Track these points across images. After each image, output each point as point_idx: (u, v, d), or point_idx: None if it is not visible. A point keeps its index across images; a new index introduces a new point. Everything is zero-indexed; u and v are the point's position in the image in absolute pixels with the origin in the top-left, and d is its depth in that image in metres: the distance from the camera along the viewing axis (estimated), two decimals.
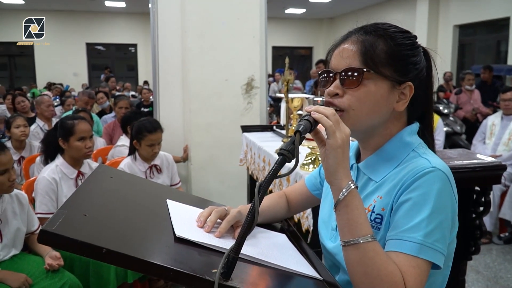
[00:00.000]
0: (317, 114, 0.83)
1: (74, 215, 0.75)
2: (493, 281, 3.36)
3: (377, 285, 0.80)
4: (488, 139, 4.58)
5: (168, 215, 0.97)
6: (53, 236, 0.66)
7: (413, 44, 0.99)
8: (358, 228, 0.82)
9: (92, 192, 0.94)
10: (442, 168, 0.88)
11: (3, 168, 2.10)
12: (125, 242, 0.75)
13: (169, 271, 0.70)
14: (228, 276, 0.73)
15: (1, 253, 2.18)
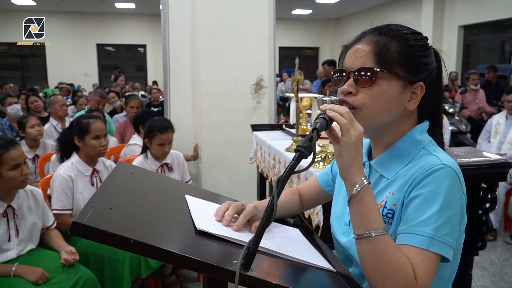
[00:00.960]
0: (332, 113, 0.86)
1: (101, 208, 0.78)
2: (498, 277, 3.36)
3: (389, 277, 0.82)
4: (493, 138, 4.57)
5: (187, 209, 1.00)
6: (84, 228, 0.69)
7: (425, 45, 1.01)
8: (370, 222, 0.85)
9: (116, 187, 0.97)
10: (452, 165, 0.90)
11: (15, 162, 2.12)
12: (150, 233, 0.78)
13: (193, 261, 0.72)
14: (248, 266, 0.76)
15: (18, 247, 2.21)
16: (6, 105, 4.70)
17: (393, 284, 0.82)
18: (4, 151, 2.09)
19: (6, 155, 2.09)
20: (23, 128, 3.74)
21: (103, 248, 2.48)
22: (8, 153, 2.09)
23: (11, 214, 2.17)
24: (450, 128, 5.57)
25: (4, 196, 2.15)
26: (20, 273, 2.07)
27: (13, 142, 2.19)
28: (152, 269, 2.57)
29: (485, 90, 6.84)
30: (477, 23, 10.14)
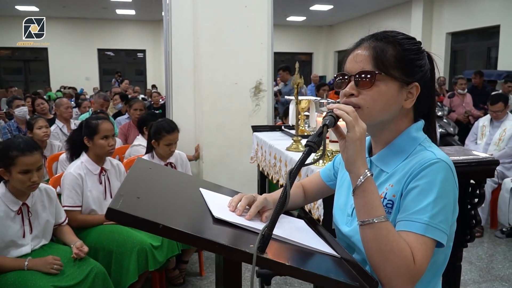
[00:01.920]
0: (338, 111, 0.92)
1: (129, 197, 0.84)
2: (485, 271, 3.43)
3: (390, 259, 0.88)
4: (480, 140, 4.66)
5: (202, 200, 1.05)
6: (118, 214, 0.74)
7: (418, 49, 1.07)
8: (373, 210, 0.90)
9: (138, 180, 1.02)
10: (446, 160, 0.97)
11: (26, 168, 2.12)
12: (175, 219, 0.84)
13: (214, 244, 0.78)
14: (263, 250, 0.81)
15: (32, 243, 2.25)
16: (14, 107, 4.73)
17: (394, 266, 0.88)
18: (19, 154, 2.11)
19: (20, 158, 2.11)
20: (31, 129, 3.77)
21: (111, 243, 2.53)
22: (23, 157, 2.11)
23: (26, 212, 2.21)
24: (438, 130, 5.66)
25: (19, 195, 2.19)
26: (33, 267, 2.10)
27: (31, 148, 2.16)
28: (159, 263, 2.61)
29: (472, 95, 6.94)
30: (464, 30, 10.29)
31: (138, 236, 2.58)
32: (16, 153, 2.10)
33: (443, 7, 10.80)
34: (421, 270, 0.89)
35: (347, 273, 0.90)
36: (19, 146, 2.12)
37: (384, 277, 0.89)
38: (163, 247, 2.65)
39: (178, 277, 3.16)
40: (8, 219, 2.14)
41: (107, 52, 16.29)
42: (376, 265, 0.90)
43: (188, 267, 3.35)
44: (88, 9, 13.41)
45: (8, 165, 2.10)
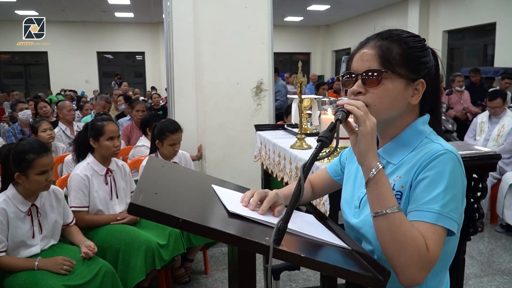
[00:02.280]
0: (349, 106, 0.94)
1: (148, 193, 0.86)
2: (486, 265, 3.46)
3: (404, 248, 0.90)
4: (479, 136, 4.68)
5: (215, 196, 1.07)
6: (140, 208, 0.76)
7: (423, 46, 1.09)
8: (386, 201, 0.92)
9: (153, 177, 1.04)
10: (453, 151, 0.99)
11: (43, 169, 2.16)
12: (192, 214, 0.86)
13: (232, 237, 0.80)
14: (279, 242, 0.83)
15: (41, 243, 2.27)
16: (17, 110, 4.74)
17: (408, 255, 0.89)
18: (37, 156, 2.13)
19: (37, 160, 2.14)
20: (36, 132, 3.78)
21: (118, 242, 2.54)
22: (40, 159, 2.14)
23: (35, 213, 2.23)
24: None
25: (28, 196, 2.21)
26: (43, 266, 2.12)
27: (46, 149, 2.22)
28: (165, 261, 2.63)
29: (469, 92, 6.96)
30: (461, 28, 10.31)
31: (144, 235, 2.60)
32: (33, 156, 2.13)
33: (439, 6, 10.83)
34: (435, 258, 0.91)
35: (359, 264, 0.91)
36: (34, 149, 2.15)
37: (399, 266, 0.91)
38: (169, 246, 2.67)
39: (184, 275, 3.18)
40: (18, 220, 2.16)
41: (106, 55, 16.30)
42: (391, 255, 0.92)
43: (193, 266, 3.37)
44: (87, 13, 13.42)
45: (26, 168, 2.13)
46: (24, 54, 15.48)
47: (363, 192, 1.12)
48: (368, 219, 1.05)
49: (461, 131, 5.91)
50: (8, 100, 8.33)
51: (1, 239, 2.09)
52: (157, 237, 2.65)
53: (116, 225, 2.65)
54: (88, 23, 15.23)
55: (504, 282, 3.18)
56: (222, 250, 3.77)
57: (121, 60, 16.65)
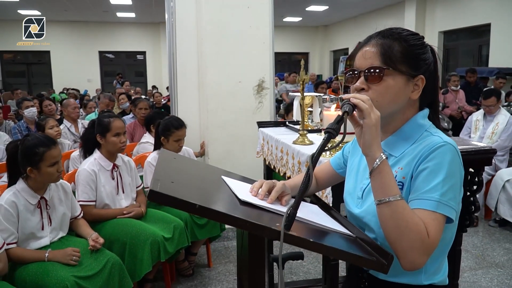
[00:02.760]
0: (355, 100, 0.97)
1: (165, 182, 0.89)
2: (480, 258, 3.51)
3: (406, 234, 0.94)
4: (473, 134, 4.73)
5: (225, 186, 1.11)
6: (159, 195, 0.80)
7: (422, 44, 1.12)
8: (389, 189, 0.96)
9: (167, 167, 1.07)
10: (452, 143, 1.02)
11: (54, 160, 2.21)
12: (208, 201, 0.89)
13: (246, 222, 0.83)
14: (289, 227, 0.87)
15: (50, 235, 2.30)
16: (23, 108, 4.77)
17: (410, 240, 0.93)
18: (47, 149, 2.17)
19: (48, 153, 2.18)
20: (42, 129, 3.81)
21: (124, 235, 2.58)
22: (49, 151, 2.18)
23: (44, 205, 2.26)
24: None
25: (38, 189, 2.24)
26: (53, 258, 2.16)
27: (54, 141, 2.26)
28: (169, 254, 2.67)
29: (465, 91, 7.01)
30: (456, 28, 10.36)
31: (150, 229, 2.64)
32: (43, 149, 2.17)
33: (435, 7, 10.88)
34: (435, 243, 0.95)
35: (364, 249, 0.95)
36: (43, 142, 2.18)
37: (401, 251, 0.95)
38: (173, 239, 2.71)
39: (188, 268, 3.22)
40: (28, 212, 2.19)
41: (108, 54, 16.31)
42: (393, 240, 0.96)
43: (197, 259, 3.41)
44: (89, 13, 13.43)
45: (37, 162, 2.16)
46: (26, 53, 15.48)
47: (365, 184, 1.15)
48: (370, 208, 1.09)
49: (457, 130, 5.96)
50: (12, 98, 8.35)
51: (12, 231, 2.13)
52: (162, 231, 2.69)
53: (123, 219, 2.69)
54: (90, 23, 15.24)
55: (498, 275, 3.23)
56: (225, 244, 3.81)
57: (123, 59, 16.66)
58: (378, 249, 0.94)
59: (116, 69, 15.85)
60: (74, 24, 15.11)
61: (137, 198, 2.91)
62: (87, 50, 15.40)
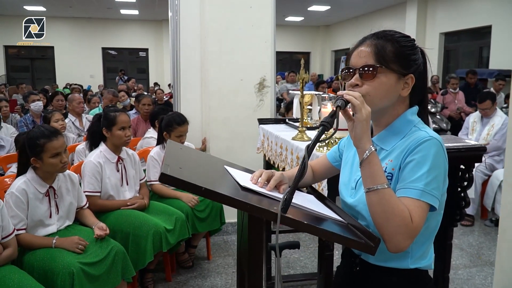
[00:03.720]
0: (348, 96, 1.06)
1: (174, 167, 0.97)
2: (475, 257, 3.59)
3: (392, 219, 1.02)
4: (471, 135, 4.81)
5: (228, 175, 1.20)
6: (170, 178, 0.88)
7: (413, 45, 1.21)
8: (377, 178, 1.04)
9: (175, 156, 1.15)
10: (437, 137, 1.11)
11: (56, 151, 2.27)
12: (212, 185, 0.98)
13: (246, 204, 0.92)
14: (285, 211, 0.95)
15: (57, 223, 2.39)
16: (30, 102, 4.86)
17: (395, 224, 1.02)
18: (47, 140, 2.25)
19: (48, 144, 2.25)
20: (48, 122, 3.90)
21: (128, 226, 2.67)
22: (50, 142, 2.25)
23: (52, 194, 2.35)
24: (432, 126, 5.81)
25: (46, 178, 2.33)
26: (60, 245, 2.25)
27: (56, 133, 2.33)
28: (171, 245, 2.76)
29: (464, 92, 7.10)
30: (457, 30, 10.43)
31: (152, 220, 2.72)
32: (44, 141, 2.24)
33: (437, 8, 10.95)
34: (418, 228, 1.04)
35: (354, 233, 1.04)
36: (44, 133, 2.26)
37: (387, 234, 1.04)
38: (175, 231, 2.80)
39: (188, 260, 3.30)
40: (37, 201, 2.28)
41: (110, 51, 16.40)
42: (380, 224, 1.04)
43: (197, 252, 3.50)
44: (93, 9, 13.51)
45: (39, 152, 2.24)
46: (30, 48, 15.56)
47: (358, 175, 1.24)
48: (362, 198, 1.17)
49: (455, 130, 6.04)
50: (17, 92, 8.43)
51: (22, 217, 2.22)
52: (164, 222, 2.78)
53: (126, 210, 2.78)
54: (94, 20, 15.33)
55: (492, 273, 3.30)
56: (224, 238, 3.90)
57: (125, 56, 16.76)
58: (367, 233, 1.02)
59: (118, 66, 15.93)
60: (78, 20, 15.20)
61: (140, 191, 3.00)
62: (90, 46, 15.51)
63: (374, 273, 1.21)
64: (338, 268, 1.42)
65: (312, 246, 3.67)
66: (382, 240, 1.04)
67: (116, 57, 16.71)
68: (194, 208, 3.06)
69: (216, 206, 3.20)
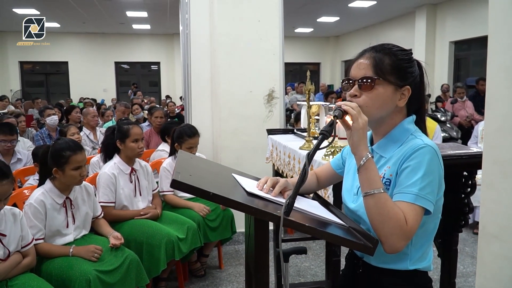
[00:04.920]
0: (345, 106, 1.13)
1: (185, 174, 1.06)
2: None
3: (387, 221, 1.08)
4: (480, 143, 4.82)
5: (235, 182, 1.27)
6: (181, 184, 0.96)
7: (409, 58, 1.28)
8: (373, 183, 1.11)
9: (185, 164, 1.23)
10: (432, 145, 1.17)
11: (78, 165, 2.39)
12: (220, 190, 1.05)
13: (251, 208, 0.99)
14: (288, 214, 1.02)
15: (74, 233, 2.48)
16: (45, 116, 5.01)
17: (391, 226, 1.08)
18: (72, 153, 2.36)
19: (73, 157, 2.36)
20: (64, 135, 4.03)
21: (141, 235, 2.75)
22: (75, 155, 2.37)
23: (69, 205, 2.45)
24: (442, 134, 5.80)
25: (63, 189, 2.43)
26: (76, 253, 2.34)
27: (80, 147, 2.45)
28: (183, 253, 2.83)
29: (474, 100, 7.10)
30: (467, 38, 10.42)
31: (165, 229, 2.80)
32: (69, 153, 2.35)
33: (446, 17, 10.97)
34: (412, 230, 1.10)
35: (353, 235, 1.10)
36: (69, 146, 2.37)
37: (383, 236, 1.10)
38: (187, 240, 2.87)
39: (200, 269, 3.37)
40: (55, 211, 2.38)
41: (123, 65, 16.70)
42: (376, 226, 1.11)
43: (208, 261, 3.56)
44: (106, 25, 13.81)
45: (63, 164, 2.35)
46: (45, 64, 15.97)
47: None
48: None
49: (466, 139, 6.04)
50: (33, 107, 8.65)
51: (40, 227, 2.31)
52: (177, 231, 2.85)
53: (140, 220, 2.86)
54: (106, 35, 15.66)
55: None
56: (235, 247, 3.96)
57: (137, 69, 17.04)
58: (366, 235, 1.09)
59: (131, 79, 16.21)
60: (91, 35, 15.55)
61: (153, 201, 3.09)
62: (103, 60, 15.82)
63: (376, 275, 1.27)
64: (342, 271, 1.48)
65: (322, 255, 3.71)
66: (379, 242, 1.10)
67: (128, 71, 17.00)
68: (205, 218, 3.14)
69: (227, 215, 3.28)
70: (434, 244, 2.06)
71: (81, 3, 10.43)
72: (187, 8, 4.02)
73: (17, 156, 3.84)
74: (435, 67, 11.07)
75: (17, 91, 14.87)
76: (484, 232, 1.41)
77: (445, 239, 2.04)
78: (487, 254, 1.40)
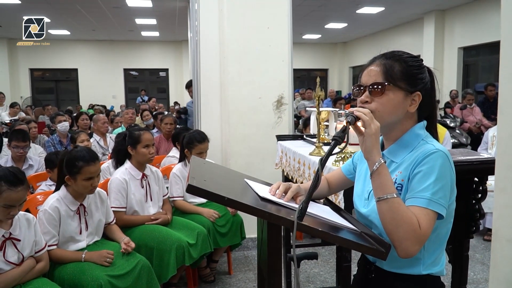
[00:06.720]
0: (358, 112, 1.15)
1: (199, 180, 1.08)
2: None
3: (401, 226, 1.10)
4: (490, 149, 4.79)
5: (248, 187, 1.29)
6: (196, 189, 0.98)
7: (420, 65, 1.30)
8: (386, 188, 1.13)
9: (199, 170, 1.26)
10: (443, 150, 1.19)
11: (90, 176, 2.40)
12: (235, 195, 1.07)
13: (265, 213, 1.01)
14: (301, 219, 1.04)
15: (87, 239, 2.51)
16: (56, 122, 5.07)
17: (404, 231, 1.09)
18: (85, 164, 2.38)
19: (85, 168, 2.38)
20: (74, 142, 4.08)
21: (152, 240, 2.77)
22: (88, 167, 2.39)
23: (83, 211, 2.48)
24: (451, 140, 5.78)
25: (77, 197, 2.46)
26: (89, 259, 2.36)
27: (95, 158, 2.45)
28: (193, 259, 2.84)
29: (483, 106, 7.08)
30: (475, 44, 10.39)
31: (175, 235, 2.82)
32: (82, 164, 2.38)
33: (455, 23, 10.95)
34: (426, 234, 1.11)
35: (366, 240, 1.12)
36: (84, 157, 2.39)
37: (397, 240, 1.11)
38: (197, 245, 2.89)
39: (209, 275, 3.38)
40: (68, 218, 2.41)
41: (132, 71, 16.85)
42: (390, 231, 1.12)
43: (218, 267, 3.57)
44: (115, 32, 13.96)
45: (75, 173, 2.38)
46: (55, 71, 16.16)
47: (371, 187, 1.32)
48: (375, 208, 1.25)
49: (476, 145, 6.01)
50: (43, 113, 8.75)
51: (54, 233, 2.35)
52: (187, 237, 2.87)
53: (150, 225, 2.89)
54: (116, 42, 15.83)
55: None
56: (245, 253, 3.97)
57: (146, 76, 17.18)
58: (379, 240, 1.10)
59: (139, 86, 16.33)
60: (100, 43, 15.72)
61: (164, 206, 3.11)
62: (112, 67, 15.98)
63: (389, 280, 1.28)
64: (354, 276, 1.49)
65: (332, 261, 3.71)
66: (393, 246, 1.11)
67: (137, 78, 17.14)
68: (215, 223, 3.15)
69: (237, 221, 3.29)
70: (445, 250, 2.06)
71: (91, 11, 10.57)
72: (197, 15, 4.07)
73: (29, 162, 3.89)
74: (444, 73, 11.05)
75: (27, 97, 15.04)
76: (497, 236, 1.41)
77: (456, 245, 2.03)
78: (500, 258, 1.41)
